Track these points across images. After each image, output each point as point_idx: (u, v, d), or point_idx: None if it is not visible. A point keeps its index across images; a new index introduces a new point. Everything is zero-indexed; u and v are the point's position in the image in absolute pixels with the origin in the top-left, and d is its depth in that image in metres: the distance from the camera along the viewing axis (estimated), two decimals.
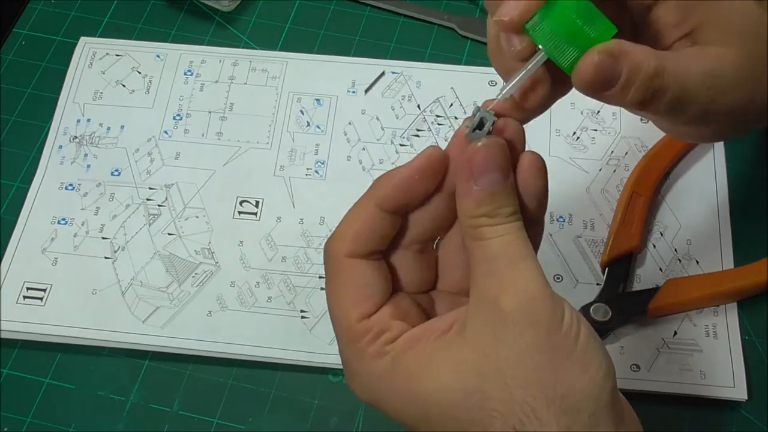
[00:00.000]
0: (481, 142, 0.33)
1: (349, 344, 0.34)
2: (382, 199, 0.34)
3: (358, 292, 0.34)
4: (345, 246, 0.35)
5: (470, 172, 0.33)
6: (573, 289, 0.51)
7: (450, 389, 0.31)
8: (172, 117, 0.59)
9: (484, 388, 0.31)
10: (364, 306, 0.34)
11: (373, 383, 0.33)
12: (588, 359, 0.31)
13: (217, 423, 0.49)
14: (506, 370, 0.31)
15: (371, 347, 0.33)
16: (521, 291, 0.31)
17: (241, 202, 0.55)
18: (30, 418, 0.49)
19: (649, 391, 0.48)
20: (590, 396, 0.31)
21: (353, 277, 0.35)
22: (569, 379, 0.31)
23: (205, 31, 0.63)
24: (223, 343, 0.50)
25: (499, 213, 0.33)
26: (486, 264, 0.33)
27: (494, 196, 0.33)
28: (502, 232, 0.33)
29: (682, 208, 0.54)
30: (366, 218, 0.35)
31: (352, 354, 0.34)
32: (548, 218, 0.54)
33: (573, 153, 0.56)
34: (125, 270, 0.53)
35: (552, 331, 0.31)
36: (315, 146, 0.57)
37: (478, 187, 0.33)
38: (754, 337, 0.50)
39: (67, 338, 0.51)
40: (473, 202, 0.33)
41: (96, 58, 0.62)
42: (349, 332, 0.34)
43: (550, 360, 0.31)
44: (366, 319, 0.34)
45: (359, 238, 0.35)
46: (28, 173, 0.57)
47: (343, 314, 0.34)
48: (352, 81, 0.60)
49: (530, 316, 0.31)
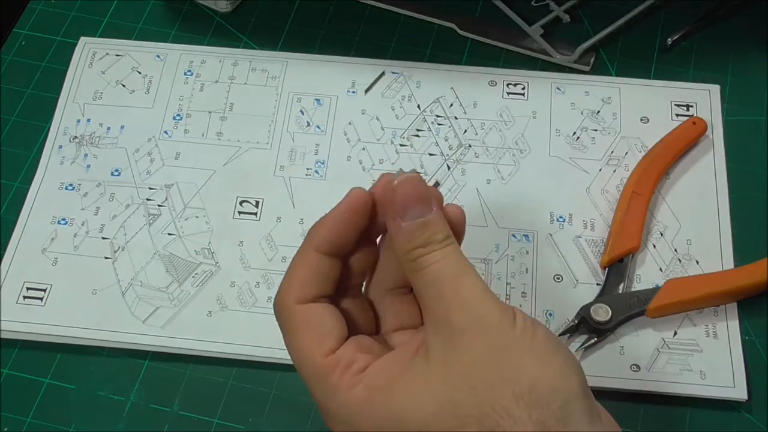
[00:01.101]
0: (396, 180, 0.35)
1: (320, 381, 0.34)
2: (319, 243, 0.36)
3: (316, 332, 0.35)
4: (293, 294, 0.36)
5: (394, 210, 0.35)
6: (573, 289, 0.51)
7: (423, 405, 0.32)
8: (172, 117, 0.59)
9: (454, 397, 0.31)
10: (326, 342, 0.35)
11: (350, 413, 0.34)
12: (549, 354, 0.32)
13: (217, 423, 0.49)
14: (471, 375, 0.32)
15: (343, 379, 0.34)
16: (467, 303, 0.33)
17: (241, 202, 0.55)
18: (30, 418, 0.49)
19: (649, 391, 0.48)
20: (558, 387, 0.31)
21: (308, 320, 0.35)
22: (532, 373, 0.31)
23: (205, 31, 0.63)
24: (223, 343, 0.50)
25: (432, 240, 0.34)
26: (430, 288, 0.34)
27: (423, 227, 0.35)
28: (438, 257, 0.34)
29: (682, 208, 0.54)
30: (308, 264, 0.36)
31: (325, 390, 0.34)
32: (548, 218, 0.54)
33: (573, 153, 0.56)
34: (125, 270, 0.53)
35: (505, 331, 0.32)
36: (315, 146, 0.57)
37: (405, 223, 0.35)
38: (754, 337, 0.50)
39: (67, 338, 0.51)
40: (404, 238, 0.35)
41: (96, 58, 0.62)
42: (317, 369, 0.34)
43: (509, 357, 0.32)
44: (331, 354, 0.34)
45: (305, 284, 0.36)
46: (28, 173, 0.57)
47: (306, 355, 0.35)
48: (352, 81, 0.60)
49: (480, 323, 0.32)
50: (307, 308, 0.36)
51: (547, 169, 0.56)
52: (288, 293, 0.36)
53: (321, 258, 0.36)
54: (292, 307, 0.36)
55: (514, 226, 0.53)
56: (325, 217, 0.37)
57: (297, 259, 0.37)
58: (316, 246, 0.36)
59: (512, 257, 0.52)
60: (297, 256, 0.37)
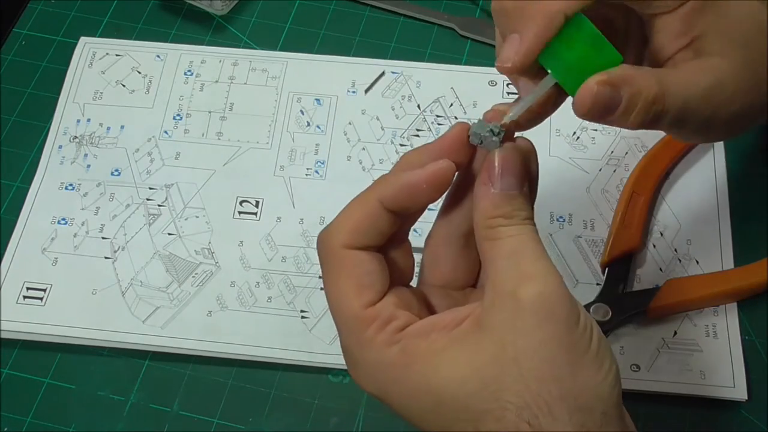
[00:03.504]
0: (499, 149, 0.34)
1: (355, 333, 0.33)
2: (387, 197, 0.35)
3: (359, 281, 0.34)
4: (342, 238, 0.34)
5: (488, 176, 0.34)
6: (573, 289, 0.51)
7: (466, 379, 0.31)
8: (172, 117, 0.59)
9: (501, 378, 0.31)
10: (367, 294, 0.34)
11: (383, 373, 0.33)
12: (600, 359, 0.32)
13: (217, 423, 0.49)
14: (523, 361, 0.31)
15: (380, 335, 0.33)
16: (540, 284, 0.32)
17: (241, 202, 0.55)
18: (30, 418, 0.49)
19: (649, 391, 0.48)
20: (603, 395, 0.31)
21: (352, 266, 0.34)
22: (584, 377, 0.31)
23: (205, 31, 0.63)
24: (223, 343, 0.50)
25: (516, 215, 0.34)
26: (503, 260, 0.33)
27: (511, 200, 0.34)
28: (517, 231, 0.33)
29: (682, 208, 0.54)
30: (367, 211, 0.35)
31: (359, 343, 0.33)
32: (548, 218, 0.54)
33: (573, 153, 0.56)
34: (125, 270, 0.53)
35: (570, 328, 0.31)
36: (315, 146, 0.57)
37: (496, 190, 0.34)
38: (754, 337, 0.50)
39: (67, 338, 0.51)
40: (490, 204, 0.34)
41: (96, 58, 0.62)
42: (355, 320, 0.33)
43: (567, 356, 0.31)
44: (371, 306, 0.33)
45: (357, 231, 0.34)
46: (28, 173, 0.57)
47: (346, 303, 0.34)
48: (352, 81, 0.60)
49: (549, 309, 0.31)
50: (353, 254, 0.34)
51: (547, 169, 0.55)
52: (337, 235, 0.34)
53: (382, 210, 0.34)
54: (338, 250, 0.34)
55: None
56: (404, 175, 0.35)
57: (357, 204, 0.35)
58: (383, 198, 0.34)
59: None
60: (358, 200, 0.35)
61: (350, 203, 0.35)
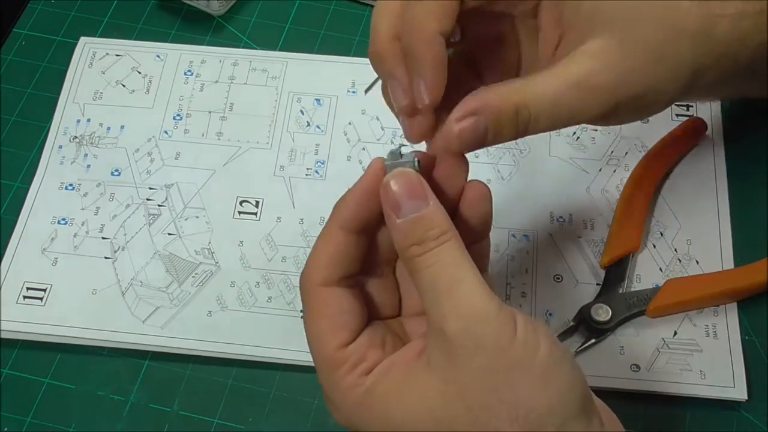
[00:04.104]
0: (387, 176, 0.34)
1: (327, 374, 0.34)
2: (343, 221, 0.35)
3: (335, 321, 0.35)
4: (318, 275, 0.35)
5: (389, 207, 0.34)
6: (573, 289, 0.51)
7: (419, 418, 0.32)
8: (172, 117, 0.59)
9: (451, 414, 0.31)
10: (341, 334, 0.34)
11: (351, 413, 0.34)
12: (550, 372, 0.31)
13: (217, 423, 0.49)
14: (466, 394, 0.31)
15: (348, 378, 0.34)
16: (462, 316, 0.31)
17: (241, 202, 0.55)
18: (30, 418, 0.49)
19: (649, 391, 0.48)
20: (555, 410, 0.31)
21: (329, 305, 0.35)
22: (529, 396, 0.30)
23: (205, 31, 0.63)
24: (223, 343, 0.50)
25: (427, 237, 0.33)
26: (428, 294, 0.33)
27: (417, 223, 0.33)
28: (432, 259, 0.33)
29: (682, 208, 0.54)
30: (333, 243, 0.35)
31: (331, 383, 0.34)
32: (548, 218, 0.54)
33: (573, 153, 0.56)
34: (125, 270, 0.53)
35: (503, 350, 0.31)
36: (315, 146, 0.57)
37: (401, 220, 0.33)
38: (754, 337, 0.50)
39: (67, 338, 0.51)
40: (400, 236, 0.34)
41: (96, 58, 0.62)
42: (328, 362, 0.34)
43: (505, 380, 0.31)
44: (344, 348, 0.34)
45: (331, 264, 0.35)
46: (28, 173, 0.57)
47: (321, 344, 0.35)
48: (352, 81, 0.60)
49: (476, 339, 0.31)
50: (328, 292, 0.35)
51: (547, 169, 0.56)
52: (313, 273, 0.35)
53: (346, 236, 0.35)
54: (315, 289, 0.35)
55: (514, 226, 0.53)
56: (348, 194, 0.35)
57: (322, 238, 0.36)
58: (341, 224, 0.35)
59: (512, 257, 0.52)
60: (322, 235, 0.36)
61: (317, 240, 0.36)
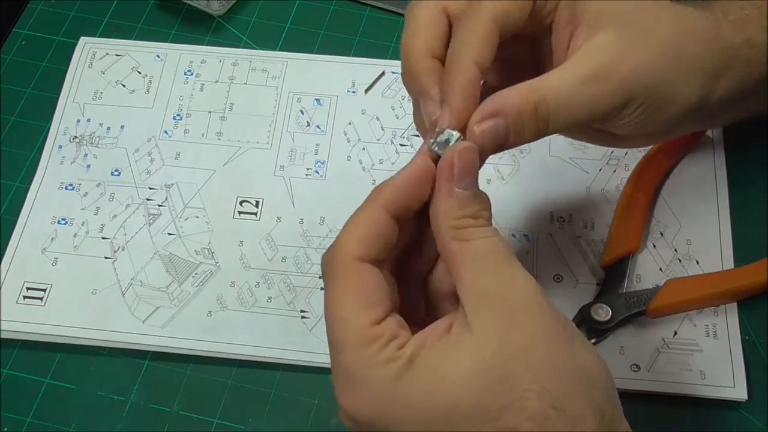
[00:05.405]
0: (452, 148, 0.34)
1: (358, 349, 0.32)
2: (388, 202, 0.34)
3: (369, 297, 0.33)
4: (355, 248, 0.34)
5: (451, 174, 0.34)
6: (573, 289, 0.51)
7: (476, 379, 0.31)
8: (172, 117, 0.59)
9: (512, 371, 0.31)
10: (375, 311, 0.33)
11: (387, 389, 0.32)
12: (588, 345, 0.33)
13: (217, 423, 0.49)
14: (528, 353, 0.31)
15: (384, 352, 0.32)
16: (523, 284, 0.33)
17: (241, 202, 0.55)
18: (30, 418, 0.49)
19: (649, 391, 0.48)
20: (602, 374, 0.33)
21: (365, 280, 0.34)
22: (582, 358, 0.32)
23: (205, 31, 0.63)
24: (223, 343, 0.50)
25: (482, 216, 0.34)
26: (479, 261, 0.33)
27: (476, 198, 0.34)
28: (488, 233, 0.33)
29: (682, 208, 0.54)
30: (375, 221, 0.34)
31: (362, 359, 0.32)
32: (548, 218, 0.54)
33: (573, 153, 0.56)
34: (125, 270, 0.53)
35: (557, 319, 0.33)
36: (315, 146, 0.57)
37: (460, 189, 0.34)
38: (754, 337, 0.50)
39: (67, 338, 0.51)
40: (456, 203, 0.34)
41: (96, 58, 0.62)
42: (360, 337, 0.32)
43: (562, 342, 0.32)
44: (377, 324, 0.33)
45: (368, 241, 0.34)
46: (28, 173, 0.57)
47: (353, 318, 0.33)
48: (352, 81, 0.60)
49: (537, 305, 0.32)
50: (365, 268, 0.34)
51: (547, 169, 0.56)
52: (348, 246, 0.34)
53: (388, 217, 0.34)
54: (351, 262, 0.34)
55: (514, 226, 0.53)
56: (394, 179, 0.35)
57: (360, 216, 0.35)
58: (385, 204, 0.34)
59: None
60: (360, 213, 0.35)
61: (354, 215, 0.35)
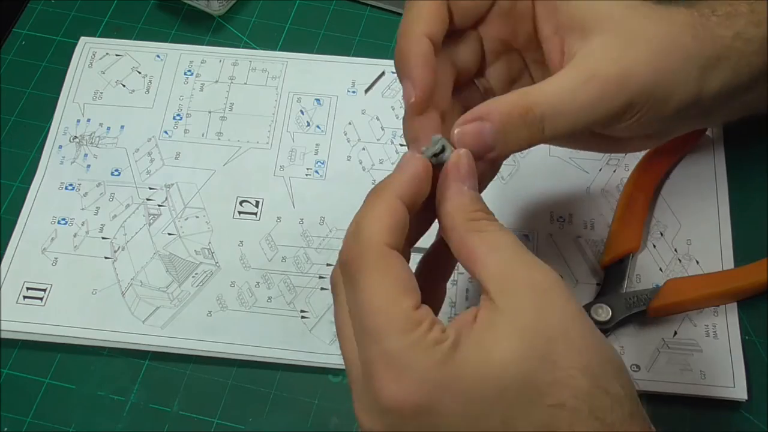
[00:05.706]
0: (459, 152, 0.35)
1: (403, 334, 0.31)
2: (403, 193, 0.34)
3: (406, 283, 0.33)
4: (383, 237, 0.33)
5: (458, 175, 0.35)
6: (573, 289, 0.51)
7: (523, 357, 0.31)
8: (172, 117, 0.59)
9: (558, 349, 0.31)
10: (413, 296, 0.33)
11: (436, 371, 0.31)
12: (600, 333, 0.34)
13: (217, 423, 0.49)
14: (566, 332, 0.32)
15: (431, 334, 0.32)
16: (548, 270, 0.33)
17: (241, 202, 0.55)
18: (30, 418, 0.49)
19: (649, 391, 0.48)
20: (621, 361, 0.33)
21: (399, 267, 0.33)
22: (605, 345, 0.33)
23: (205, 31, 0.63)
24: (223, 343, 0.50)
25: (491, 212, 0.35)
26: (503, 249, 0.34)
27: (480, 198, 0.35)
28: (501, 227, 0.35)
29: (682, 208, 0.54)
30: (394, 209, 0.34)
31: (408, 344, 0.31)
32: (548, 218, 0.54)
33: (573, 153, 0.56)
34: (125, 270, 0.53)
35: (579, 304, 0.33)
36: (315, 146, 0.57)
37: (468, 188, 0.35)
38: (754, 337, 0.50)
39: (67, 338, 0.51)
40: (468, 199, 0.35)
41: (96, 58, 0.62)
42: (405, 321, 0.32)
43: (592, 330, 0.33)
44: (418, 309, 0.33)
45: (395, 230, 0.34)
46: (28, 173, 0.57)
47: (394, 304, 0.32)
48: (352, 81, 0.60)
49: (564, 290, 0.33)
50: (397, 255, 0.33)
51: (547, 169, 0.56)
52: (378, 234, 0.33)
53: (404, 208, 0.34)
54: (383, 249, 0.33)
55: (514, 226, 0.53)
56: (399, 174, 0.35)
57: (380, 205, 0.34)
58: (400, 195, 0.34)
59: None
60: (378, 202, 0.34)
61: (371, 205, 0.34)
